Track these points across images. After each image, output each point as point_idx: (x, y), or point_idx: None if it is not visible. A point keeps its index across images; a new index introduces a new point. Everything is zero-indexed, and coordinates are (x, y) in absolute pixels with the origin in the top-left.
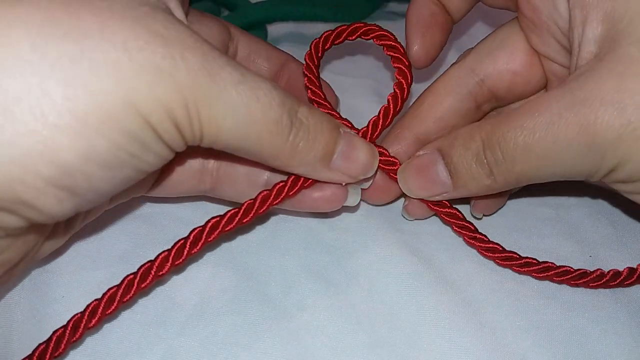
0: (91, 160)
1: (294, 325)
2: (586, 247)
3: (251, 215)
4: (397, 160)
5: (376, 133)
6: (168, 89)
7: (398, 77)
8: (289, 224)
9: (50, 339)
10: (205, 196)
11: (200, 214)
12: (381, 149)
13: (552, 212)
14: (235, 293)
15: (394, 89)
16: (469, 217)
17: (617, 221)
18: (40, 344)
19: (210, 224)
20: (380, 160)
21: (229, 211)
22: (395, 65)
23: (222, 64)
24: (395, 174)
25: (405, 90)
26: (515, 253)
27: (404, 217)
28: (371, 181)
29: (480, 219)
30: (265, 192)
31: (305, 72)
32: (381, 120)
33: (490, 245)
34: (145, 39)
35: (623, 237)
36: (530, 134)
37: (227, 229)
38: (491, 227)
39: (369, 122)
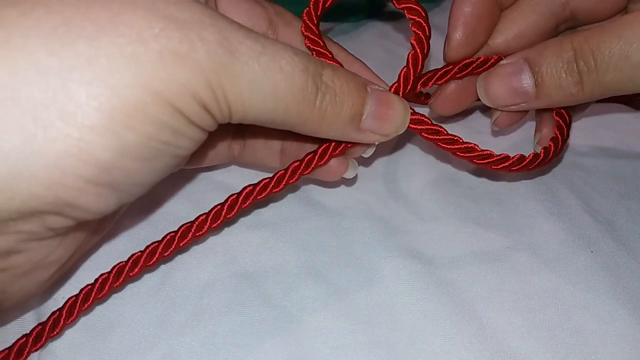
0: (126, 154)
1: (294, 326)
2: (587, 243)
3: (282, 185)
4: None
5: (408, 86)
6: (189, 72)
7: (411, 16)
8: (289, 224)
9: (95, 281)
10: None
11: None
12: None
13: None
14: (235, 293)
15: (414, 31)
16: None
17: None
18: (70, 297)
19: (245, 191)
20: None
21: (262, 180)
22: (410, 17)
23: (241, 38)
24: (427, 133)
25: (426, 28)
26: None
27: (493, 129)
28: (374, 149)
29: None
30: (296, 163)
31: (304, 33)
32: (411, 71)
33: (465, 145)
34: (160, 26)
35: (625, 235)
36: (627, 44)
37: (260, 197)
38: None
39: (400, 74)
